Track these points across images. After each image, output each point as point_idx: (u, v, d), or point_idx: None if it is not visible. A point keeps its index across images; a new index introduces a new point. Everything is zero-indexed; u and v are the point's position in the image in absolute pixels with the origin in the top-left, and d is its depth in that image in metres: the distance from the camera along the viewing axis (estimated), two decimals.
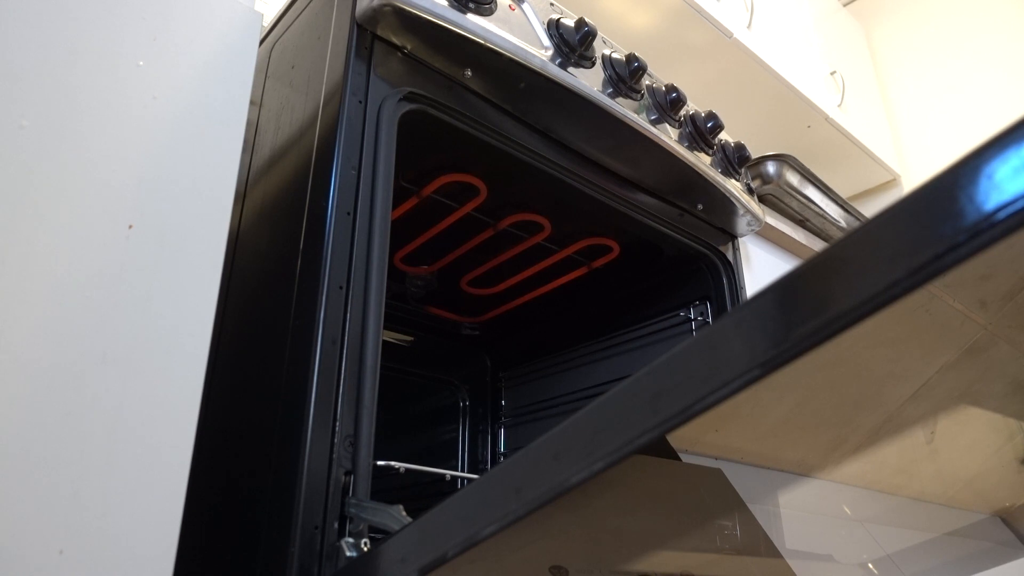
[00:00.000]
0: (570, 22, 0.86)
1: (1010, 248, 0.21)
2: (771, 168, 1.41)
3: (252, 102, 0.71)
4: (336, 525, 0.53)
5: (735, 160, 1.07)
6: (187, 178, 0.59)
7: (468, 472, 1.29)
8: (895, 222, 0.23)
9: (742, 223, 1.11)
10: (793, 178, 1.43)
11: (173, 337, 0.54)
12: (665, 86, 0.99)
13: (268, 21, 0.89)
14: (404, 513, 0.51)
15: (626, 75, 0.90)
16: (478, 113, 0.78)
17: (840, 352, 0.30)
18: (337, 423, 0.56)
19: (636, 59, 0.91)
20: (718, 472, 0.45)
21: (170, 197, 0.57)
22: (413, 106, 0.73)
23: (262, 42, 0.89)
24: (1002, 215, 0.20)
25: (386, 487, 1.06)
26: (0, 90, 0.52)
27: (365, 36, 0.71)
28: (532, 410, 1.32)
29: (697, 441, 0.42)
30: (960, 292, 0.35)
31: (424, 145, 0.84)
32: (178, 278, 0.55)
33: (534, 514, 0.31)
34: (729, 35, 1.78)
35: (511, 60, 0.77)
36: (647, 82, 0.96)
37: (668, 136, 0.95)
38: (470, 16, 0.74)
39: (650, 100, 0.95)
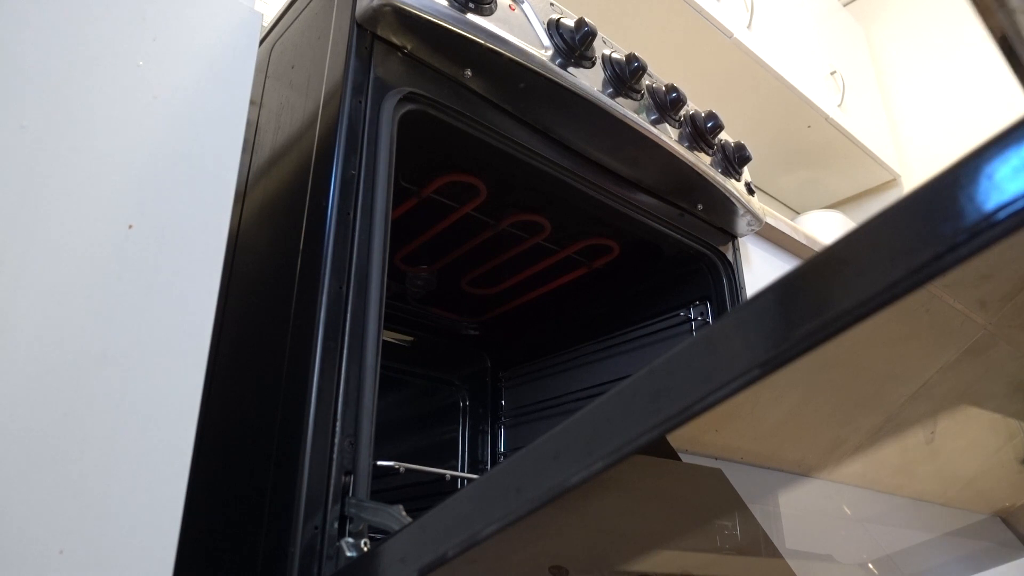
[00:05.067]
0: (570, 22, 0.86)
1: (1010, 248, 0.21)
2: None
3: (252, 102, 0.71)
4: (336, 525, 0.53)
5: (735, 160, 1.07)
6: (187, 178, 0.59)
7: (468, 472, 1.29)
8: (895, 222, 0.23)
9: (742, 223, 1.11)
10: None
11: (173, 337, 0.54)
12: (665, 86, 0.99)
13: (268, 21, 0.89)
14: (404, 513, 0.51)
15: (626, 75, 0.90)
16: (478, 113, 0.78)
17: (840, 352, 0.30)
18: (337, 423, 0.56)
19: (636, 59, 0.91)
20: (718, 472, 0.45)
21: (170, 197, 0.57)
22: (413, 106, 0.73)
23: (262, 42, 0.89)
24: (1002, 215, 0.20)
25: (386, 487, 1.06)
26: (0, 90, 0.52)
27: (365, 36, 0.71)
28: (532, 410, 1.31)
29: (697, 441, 0.42)
30: (960, 292, 0.35)
31: (424, 145, 0.85)
32: (178, 278, 0.55)
33: (534, 514, 0.31)
34: (729, 35, 1.78)
35: (511, 60, 0.77)
36: (647, 82, 0.96)
37: (668, 136, 0.95)
38: (470, 16, 0.74)
39: (650, 100, 0.95)
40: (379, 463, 0.78)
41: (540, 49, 0.81)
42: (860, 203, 2.58)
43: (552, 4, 0.88)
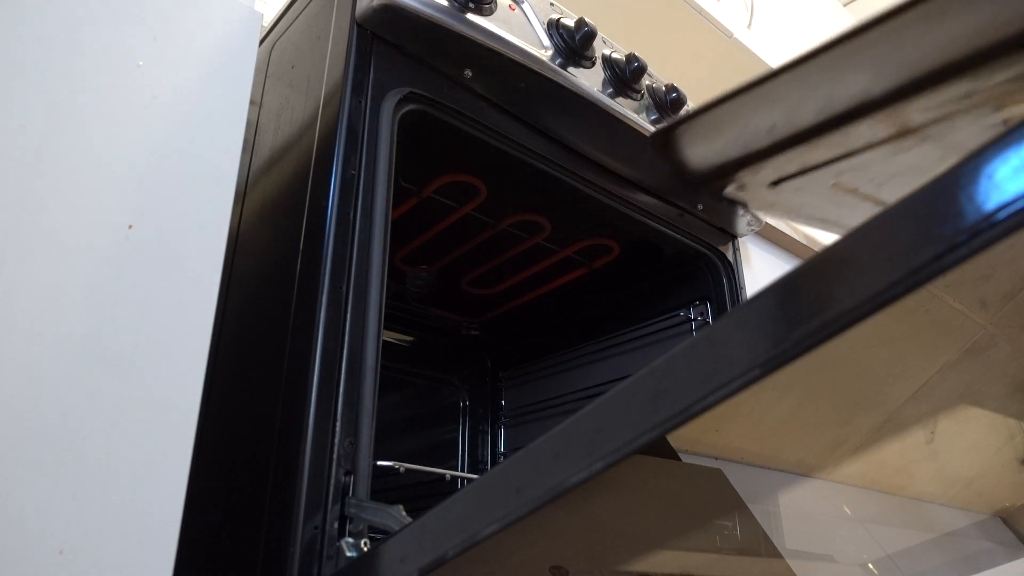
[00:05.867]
0: (570, 22, 0.86)
1: (1010, 248, 0.21)
2: None
3: (252, 102, 0.71)
4: (336, 525, 0.53)
5: None
6: (187, 178, 0.59)
7: (468, 472, 1.29)
8: (895, 222, 0.23)
9: (742, 223, 1.11)
10: None
11: (173, 337, 0.54)
12: (665, 86, 0.99)
13: (268, 21, 0.89)
14: (404, 513, 0.51)
15: (626, 75, 0.90)
16: (478, 113, 0.78)
17: (840, 352, 0.30)
18: (337, 423, 0.56)
19: (636, 59, 0.91)
20: (718, 472, 0.45)
21: (170, 197, 0.57)
22: (413, 106, 0.73)
23: (262, 42, 0.89)
24: (1002, 215, 0.20)
25: (386, 487, 1.06)
26: (0, 90, 0.52)
27: (365, 36, 0.71)
28: (532, 410, 1.31)
29: (697, 441, 0.42)
30: (960, 292, 0.35)
31: (424, 145, 0.85)
32: (178, 278, 0.55)
33: (534, 514, 0.31)
34: (729, 35, 1.78)
35: (511, 60, 0.77)
36: (647, 82, 0.96)
37: None
38: (470, 16, 0.74)
39: (650, 100, 0.95)
40: (379, 463, 0.78)
41: (540, 49, 0.81)
42: None
43: (552, 4, 0.88)
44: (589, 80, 0.85)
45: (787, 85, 0.47)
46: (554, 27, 0.85)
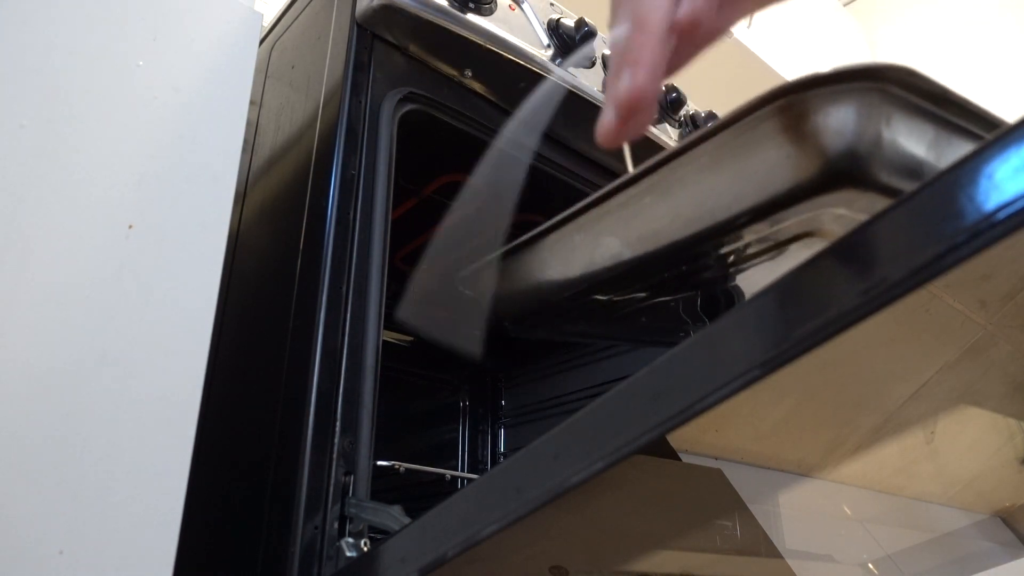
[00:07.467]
0: (570, 22, 0.86)
1: (1010, 248, 0.21)
2: None
3: (252, 102, 0.71)
4: (336, 525, 0.53)
5: None
6: (187, 178, 0.58)
7: (468, 472, 1.29)
8: (895, 222, 0.23)
9: None
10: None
11: (173, 337, 0.54)
12: (665, 86, 0.99)
13: (268, 21, 0.89)
14: (404, 513, 0.51)
15: None
16: (479, 113, 0.78)
17: (840, 352, 0.30)
18: (337, 423, 0.56)
19: None
20: (718, 472, 0.45)
21: (170, 197, 0.57)
22: (413, 106, 0.73)
23: (262, 42, 0.89)
24: (1002, 215, 0.20)
25: (386, 487, 1.06)
26: (0, 90, 0.52)
27: (365, 36, 0.71)
28: (532, 410, 1.31)
29: (697, 441, 0.42)
30: (960, 292, 0.35)
31: (424, 145, 0.84)
32: (178, 278, 0.55)
33: (534, 514, 0.31)
34: (729, 35, 1.78)
35: (511, 60, 0.77)
36: None
37: (668, 136, 0.95)
38: (470, 16, 0.74)
39: None
40: (379, 463, 0.78)
41: (540, 49, 0.81)
42: None
43: (552, 4, 0.88)
44: (589, 80, 0.85)
45: (552, 245, 0.52)
46: (554, 27, 0.85)
